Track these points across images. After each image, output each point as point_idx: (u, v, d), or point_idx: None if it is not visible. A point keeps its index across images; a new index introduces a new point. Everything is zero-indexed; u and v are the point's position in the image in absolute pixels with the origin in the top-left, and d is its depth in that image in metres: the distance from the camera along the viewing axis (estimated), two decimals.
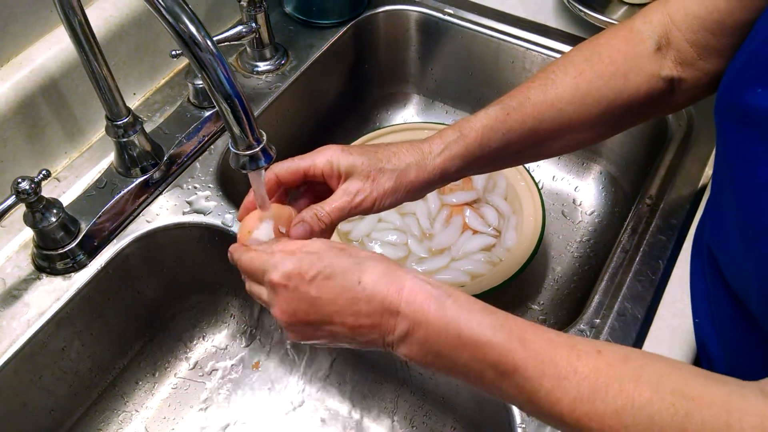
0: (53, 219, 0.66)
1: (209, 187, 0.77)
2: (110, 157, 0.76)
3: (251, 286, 0.52)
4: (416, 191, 0.58)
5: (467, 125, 0.58)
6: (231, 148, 0.49)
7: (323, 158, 0.56)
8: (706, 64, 0.57)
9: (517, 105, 0.59)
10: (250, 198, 0.57)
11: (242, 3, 0.82)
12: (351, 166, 0.55)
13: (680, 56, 0.57)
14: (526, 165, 0.94)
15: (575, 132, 0.60)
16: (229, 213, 0.74)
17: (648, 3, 0.62)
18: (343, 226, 0.89)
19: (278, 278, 0.47)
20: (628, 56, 0.58)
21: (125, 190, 0.73)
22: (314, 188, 0.59)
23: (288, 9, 0.97)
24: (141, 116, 0.75)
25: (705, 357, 0.60)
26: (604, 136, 0.62)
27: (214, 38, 0.48)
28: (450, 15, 0.96)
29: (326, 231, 0.55)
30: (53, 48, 0.73)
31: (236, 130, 0.48)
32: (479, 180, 0.92)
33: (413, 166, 0.56)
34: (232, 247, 0.54)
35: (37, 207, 0.64)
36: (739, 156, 0.48)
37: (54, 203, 0.67)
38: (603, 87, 0.58)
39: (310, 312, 0.47)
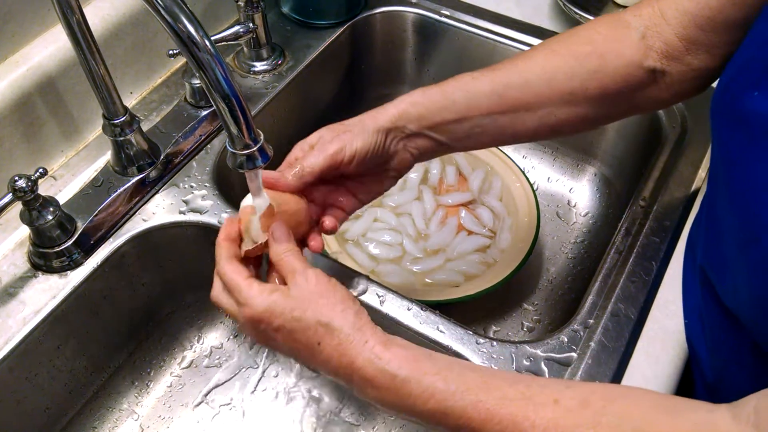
0: (50, 217, 0.66)
1: (206, 186, 0.77)
2: (107, 156, 0.76)
3: (220, 296, 0.53)
4: (390, 138, 0.59)
5: (431, 85, 0.61)
6: (228, 147, 0.49)
7: (295, 147, 0.59)
8: (693, 60, 0.57)
9: (485, 71, 0.60)
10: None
11: (239, 3, 0.82)
12: (317, 135, 0.59)
13: (668, 49, 0.58)
14: (521, 166, 0.94)
15: (549, 106, 0.59)
16: (226, 212, 0.74)
17: None
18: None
19: (248, 318, 0.50)
20: (608, 39, 0.59)
21: (122, 189, 0.73)
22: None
23: (285, 9, 0.97)
24: (138, 115, 0.75)
25: (693, 357, 0.61)
26: (584, 119, 0.61)
27: (212, 38, 0.49)
28: (446, 16, 0.97)
29: (302, 179, 0.56)
30: (50, 46, 0.73)
31: (233, 129, 0.48)
32: (475, 181, 0.93)
33: (374, 111, 0.59)
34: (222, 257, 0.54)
35: (33, 205, 0.64)
36: (735, 159, 0.49)
37: (50, 201, 0.67)
38: (575, 65, 0.58)
39: (276, 345, 0.51)
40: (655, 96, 0.60)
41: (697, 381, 0.62)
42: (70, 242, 0.68)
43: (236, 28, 0.83)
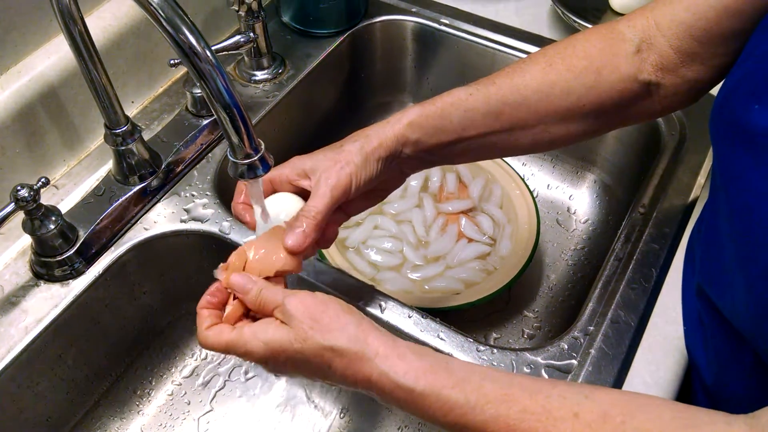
0: (52, 226, 0.66)
1: (207, 194, 0.77)
2: (108, 165, 0.76)
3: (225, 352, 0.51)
4: (387, 164, 0.58)
5: (428, 101, 0.59)
6: (229, 157, 0.50)
7: (287, 165, 0.58)
8: (687, 71, 0.57)
9: (481, 87, 0.59)
10: (239, 200, 0.58)
11: (240, 12, 0.83)
12: (315, 162, 0.57)
13: (662, 61, 0.57)
14: (521, 173, 0.95)
15: (544, 123, 0.59)
16: (227, 221, 0.75)
17: None
18: (339, 233, 0.89)
19: (256, 362, 0.49)
20: (604, 53, 0.58)
21: (123, 198, 0.73)
22: None
23: (285, 18, 0.98)
24: (139, 124, 0.75)
25: (693, 364, 0.61)
26: (578, 134, 0.61)
27: (213, 48, 0.49)
28: (446, 25, 0.97)
29: (320, 227, 0.55)
30: (52, 56, 0.74)
31: (235, 139, 0.48)
32: (475, 189, 0.93)
33: (374, 136, 0.57)
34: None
35: (35, 214, 0.65)
36: (734, 172, 0.48)
37: (53, 211, 0.67)
38: (572, 80, 0.57)
39: (292, 374, 0.51)
40: (647, 108, 0.60)
41: (696, 386, 0.62)
42: (71, 251, 0.69)
43: (237, 37, 0.83)
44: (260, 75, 0.90)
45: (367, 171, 0.56)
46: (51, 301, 0.68)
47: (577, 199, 0.99)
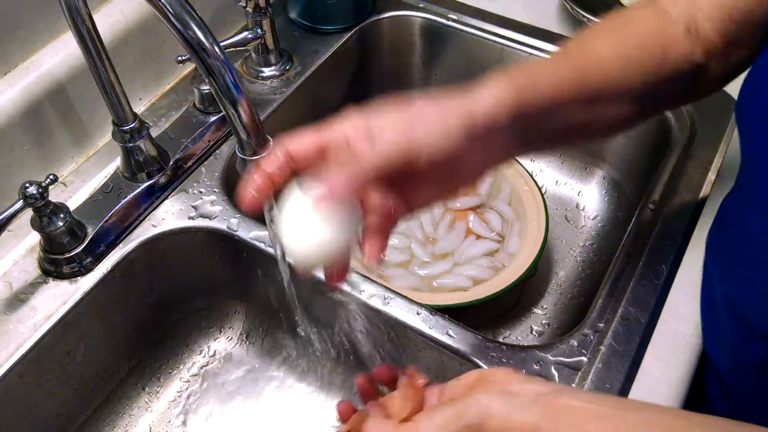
0: (60, 223, 0.66)
1: (215, 191, 0.77)
2: (116, 162, 0.76)
3: None
4: (474, 136, 0.45)
5: (509, 69, 0.49)
6: (238, 153, 0.50)
7: (347, 121, 0.47)
8: (729, 56, 0.54)
9: (561, 55, 0.53)
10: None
11: (247, 9, 0.83)
12: (378, 118, 0.47)
13: (707, 45, 0.54)
14: (530, 170, 0.94)
15: (619, 101, 0.53)
16: (235, 217, 0.74)
17: None
18: None
19: None
20: (663, 33, 0.54)
21: (131, 195, 0.73)
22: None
23: (293, 15, 0.98)
24: (147, 121, 0.75)
25: (710, 365, 0.60)
26: (641, 115, 0.56)
27: (221, 44, 0.49)
28: (454, 21, 0.97)
29: (360, 184, 0.44)
30: (60, 53, 0.74)
31: (243, 135, 0.48)
32: (483, 185, 0.93)
33: (457, 98, 0.46)
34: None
35: (44, 211, 0.65)
36: (762, 152, 0.47)
37: (61, 208, 0.67)
38: (643, 57, 0.53)
39: None
40: (690, 91, 0.57)
41: (712, 385, 0.61)
42: (80, 248, 0.69)
43: (245, 34, 0.83)
44: (268, 71, 0.90)
45: (445, 142, 0.44)
46: (60, 298, 0.68)
47: (586, 195, 0.99)
